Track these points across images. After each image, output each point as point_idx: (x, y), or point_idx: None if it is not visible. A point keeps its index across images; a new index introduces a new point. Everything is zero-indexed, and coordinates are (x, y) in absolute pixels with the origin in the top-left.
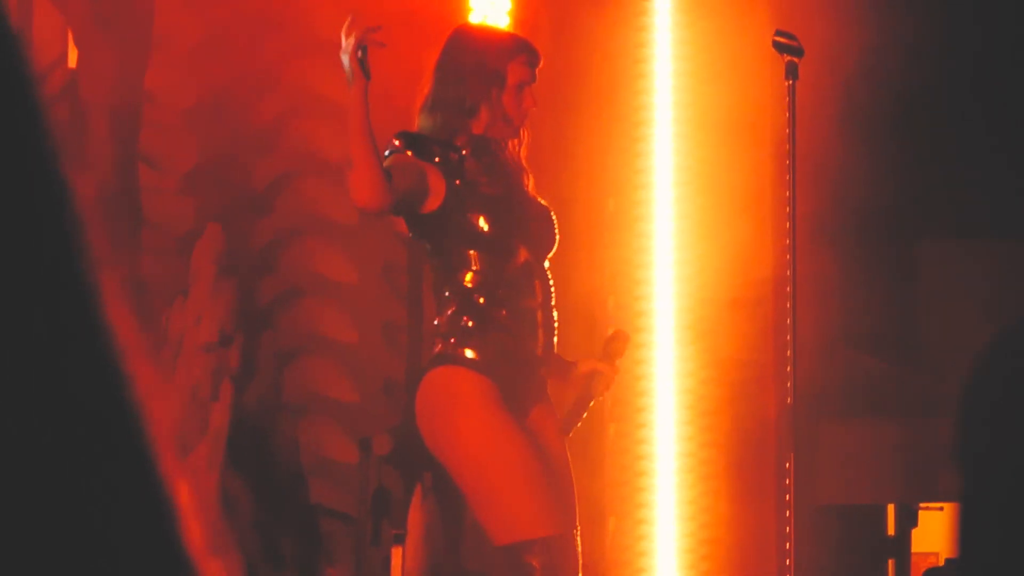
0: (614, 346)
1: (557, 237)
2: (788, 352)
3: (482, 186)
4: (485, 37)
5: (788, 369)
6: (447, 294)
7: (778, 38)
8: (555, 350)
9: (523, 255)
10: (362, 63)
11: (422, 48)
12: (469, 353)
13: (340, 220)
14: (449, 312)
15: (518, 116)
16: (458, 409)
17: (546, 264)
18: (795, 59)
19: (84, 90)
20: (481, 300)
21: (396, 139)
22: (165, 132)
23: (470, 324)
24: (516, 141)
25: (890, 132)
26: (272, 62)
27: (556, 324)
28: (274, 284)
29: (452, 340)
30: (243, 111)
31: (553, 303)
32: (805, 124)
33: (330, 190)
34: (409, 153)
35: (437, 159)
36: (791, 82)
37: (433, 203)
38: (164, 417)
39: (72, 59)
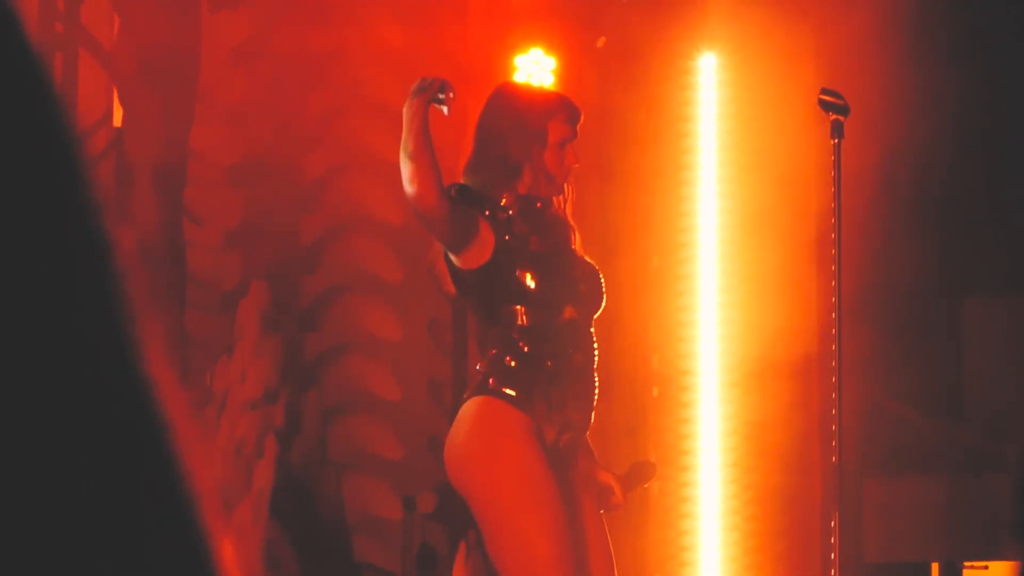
0: (639, 473)
1: (604, 296)
2: (833, 410)
3: (530, 243)
4: (525, 96)
5: (833, 428)
6: (491, 342)
7: (824, 96)
8: (594, 413)
9: (569, 313)
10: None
11: (468, 107)
12: (510, 391)
13: (385, 277)
14: (492, 353)
15: (561, 174)
16: (491, 441)
17: (591, 327)
18: (841, 118)
19: (129, 147)
20: (526, 348)
21: (450, 190)
22: (210, 188)
23: (513, 364)
24: (561, 198)
25: (935, 190)
26: (317, 119)
27: (597, 387)
28: (320, 341)
29: (492, 379)
30: (288, 168)
31: (596, 364)
32: (849, 181)
33: (376, 247)
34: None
35: (487, 212)
36: (836, 140)
37: (482, 256)
38: (208, 474)
39: (117, 117)
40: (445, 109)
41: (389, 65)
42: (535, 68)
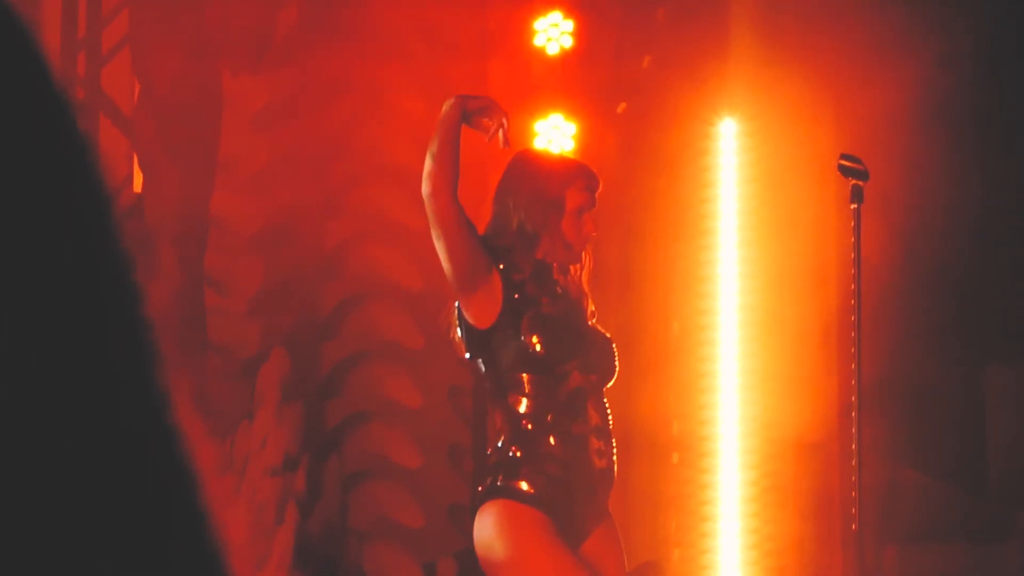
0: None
1: (617, 367)
2: (853, 477)
3: (541, 307)
4: (544, 163)
5: (854, 494)
6: (498, 420)
7: (843, 162)
8: (615, 474)
9: (576, 380)
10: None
11: (488, 174)
12: (523, 485)
13: (406, 344)
14: (499, 443)
15: (579, 242)
16: (512, 545)
17: (603, 397)
18: (860, 183)
19: (149, 213)
20: (529, 427)
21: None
22: (231, 255)
23: (518, 455)
24: (578, 266)
25: (953, 258)
26: (338, 187)
27: (615, 449)
28: (340, 408)
29: (501, 474)
30: (308, 235)
31: (610, 427)
32: (869, 245)
33: (396, 314)
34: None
35: (501, 266)
36: (856, 205)
37: (491, 310)
38: (233, 536)
39: (138, 183)
40: (488, 136)
41: (409, 133)
42: (555, 134)
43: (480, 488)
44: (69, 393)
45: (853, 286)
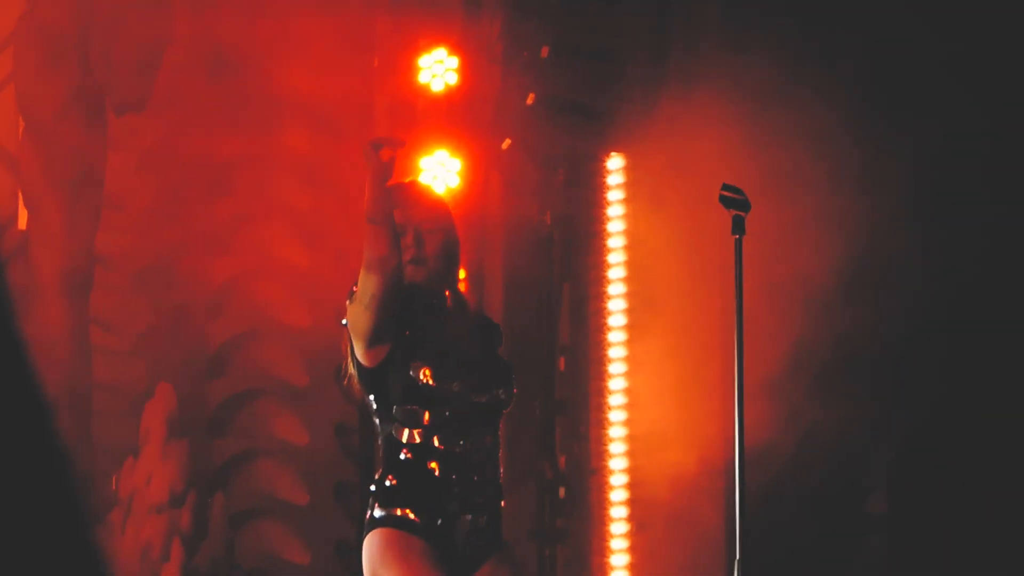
0: None
1: (509, 390)
2: (737, 509)
3: (427, 339)
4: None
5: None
6: (379, 451)
7: (725, 192)
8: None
9: (464, 404)
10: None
11: None
12: (399, 512)
13: (293, 382)
14: (378, 473)
15: (428, 257)
16: (391, 573)
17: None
18: (742, 213)
19: (35, 251)
20: (410, 455)
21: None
22: (116, 294)
23: (395, 483)
24: (454, 292)
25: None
26: (224, 225)
27: (501, 475)
28: (227, 445)
29: (380, 501)
30: (195, 273)
31: (498, 452)
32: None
33: (283, 351)
34: None
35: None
36: (737, 236)
37: (383, 354)
38: None
39: (23, 220)
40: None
41: (296, 170)
42: (440, 170)
43: (365, 520)
44: None
45: (735, 318)
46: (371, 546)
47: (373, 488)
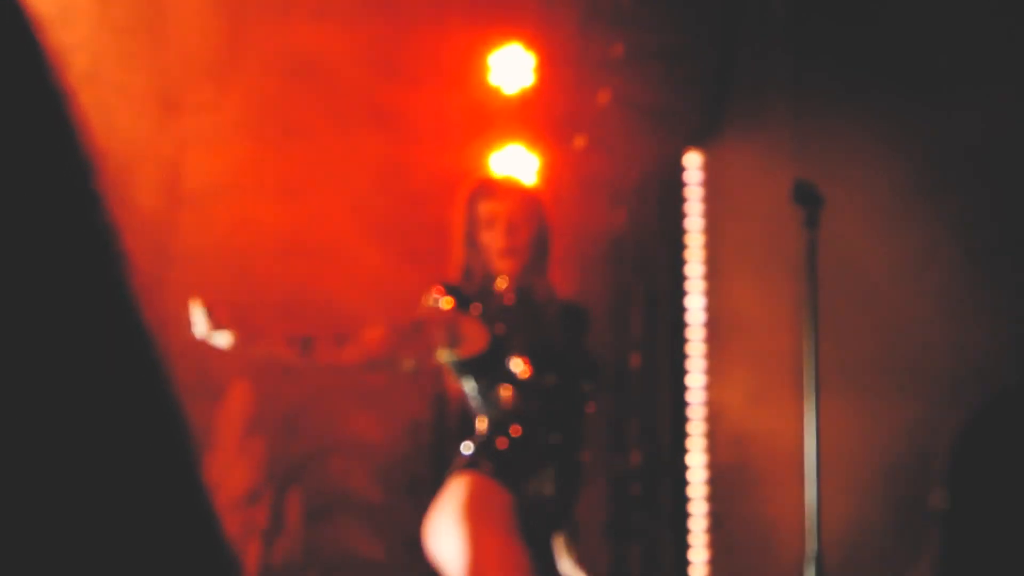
0: None
1: (597, 382)
2: (809, 504)
3: (518, 333)
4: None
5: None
6: (477, 424)
7: (798, 187)
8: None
9: (557, 392)
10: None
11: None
12: (493, 465)
13: (369, 380)
14: (476, 434)
15: (501, 249)
16: (468, 513)
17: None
18: (815, 208)
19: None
20: (500, 441)
21: (439, 289)
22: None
23: (495, 445)
24: (543, 282)
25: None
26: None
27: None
28: (302, 443)
29: (473, 455)
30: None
31: (581, 433)
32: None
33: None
34: (451, 300)
35: (474, 310)
36: (812, 231)
37: (472, 349)
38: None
39: None
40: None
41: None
42: (515, 169)
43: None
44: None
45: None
46: (455, 487)
47: (471, 445)
